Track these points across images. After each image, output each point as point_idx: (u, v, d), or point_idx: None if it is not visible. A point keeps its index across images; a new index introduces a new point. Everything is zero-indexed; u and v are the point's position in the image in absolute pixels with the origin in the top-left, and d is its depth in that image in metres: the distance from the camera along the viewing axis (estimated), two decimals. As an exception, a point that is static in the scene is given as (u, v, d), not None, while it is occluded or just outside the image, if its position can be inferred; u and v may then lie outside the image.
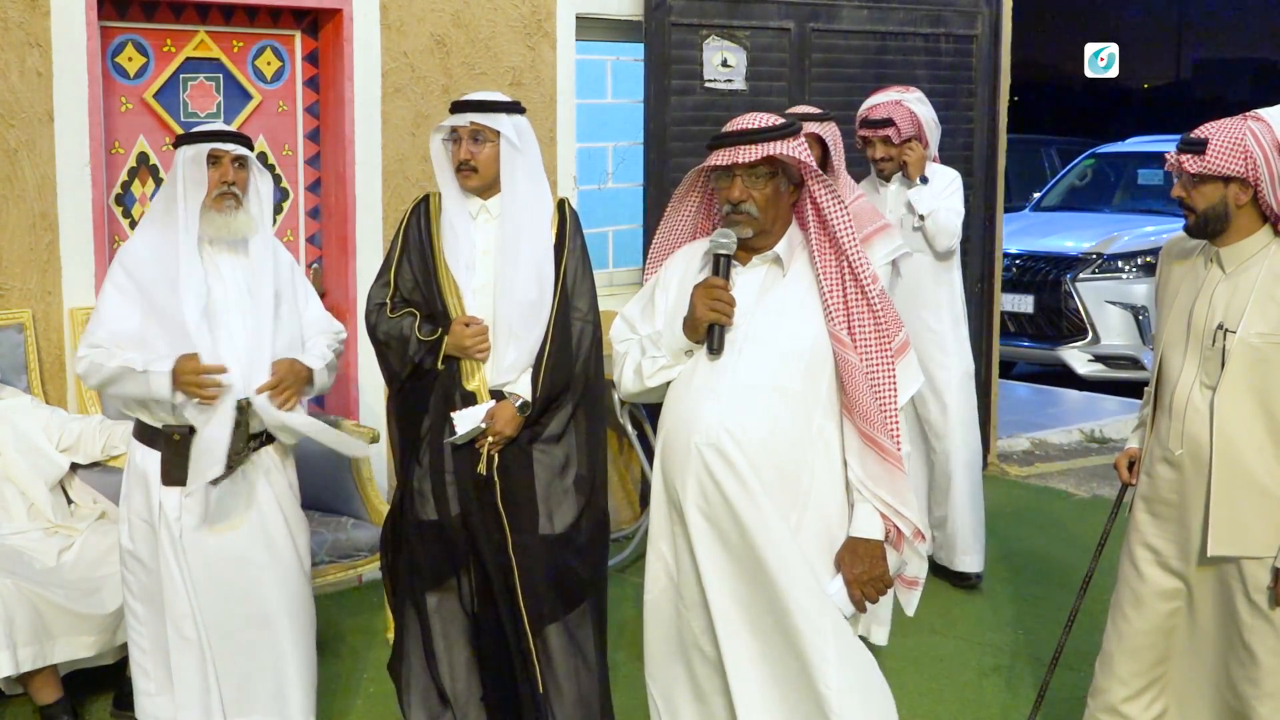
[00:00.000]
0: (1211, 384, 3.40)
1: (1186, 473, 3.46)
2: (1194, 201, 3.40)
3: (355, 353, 5.68)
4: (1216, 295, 3.42)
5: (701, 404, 3.14)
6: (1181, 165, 3.39)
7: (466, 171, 3.76)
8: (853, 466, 3.11)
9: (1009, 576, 5.82)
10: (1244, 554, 3.37)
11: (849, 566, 3.09)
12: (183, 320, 3.57)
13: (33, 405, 4.60)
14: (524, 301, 3.75)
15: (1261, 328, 3.33)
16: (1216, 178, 3.35)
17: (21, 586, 4.08)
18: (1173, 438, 3.48)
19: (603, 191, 6.52)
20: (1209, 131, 3.38)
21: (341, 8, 5.54)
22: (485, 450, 3.76)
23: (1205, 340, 3.41)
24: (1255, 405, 3.35)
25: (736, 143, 3.10)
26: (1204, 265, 3.49)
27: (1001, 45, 7.31)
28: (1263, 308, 3.34)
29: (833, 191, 3.12)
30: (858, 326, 3.08)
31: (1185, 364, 3.47)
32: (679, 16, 6.24)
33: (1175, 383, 3.49)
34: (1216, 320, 3.39)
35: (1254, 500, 3.36)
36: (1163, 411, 3.54)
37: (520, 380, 3.78)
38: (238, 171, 3.67)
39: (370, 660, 4.86)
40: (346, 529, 5.08)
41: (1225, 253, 3.43)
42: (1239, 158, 3.32)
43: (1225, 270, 3.43)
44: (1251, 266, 3.39)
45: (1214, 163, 3.33)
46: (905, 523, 3.12)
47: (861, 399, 3.06)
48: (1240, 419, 3.36)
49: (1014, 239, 9.77)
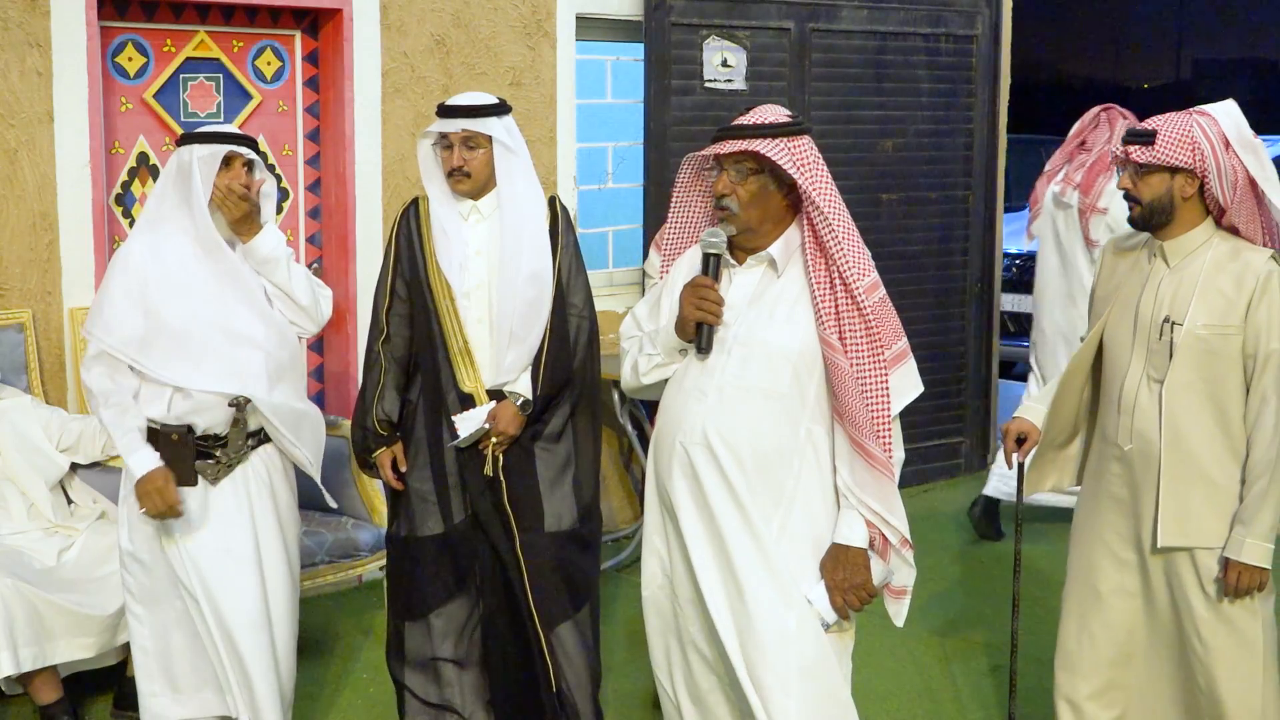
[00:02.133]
0: (1159, 377, 3.43)
1: (1136, 467, 3.49)
2: (1140, 193, 3.44)
3: (355, 353, 5.68)
4: (1162, 288, 3.46)
5: (690, 404, 3.14)
6: (1129, 156, 3.43)
7: (459, 177, 3.75)
8: (841, 473, 3.09)
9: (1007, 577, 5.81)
10: (1194, 545, 3.41)
11: (831, 572, 3.08)
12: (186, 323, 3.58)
13: (33, 405, 4.60)
14: (524, 301, 3.74)
15: (1207, 319, 3.37)
16: (1164, 169, 3.40)
17: (21, 587, 4.08)
18: (1122, 433, 3.51)
19: (603, 191, 6.52)
20: (1157, 123, 3.43)
21: (341, 8, 5.54)
22: (490, 451, 3.76)
23: (1152, 334, 3.45)
24: (1203, 397, 3.40)
25: (725, 136, 3.11)
26: (1148, 260, 3.53)
27: (1001, 45, 7.31)
28: (1208, 300, 3.38)
29: (823, 196, 3.07)
30: (848, 332, 3.05)
31: (1132, 359, 3.50)
32: (679, 16, 6.24)
33: (1123, 378, 3.51)
34: (1163, 313, 3.43)
35: (1203, 491, 3.40)
36: (1109, 407, 3.56)
37: (520, 379, 3.78)
38: (248, 175, 3.68)
39: (370, 660, 4.85)
40: (346, 529, 5.09)
41: (1169, 246, 3.47)
42: (1187, 149, 3.37)
43: (1169, 264, 3.47)
44: (1195, 259, 3.44)
45: (1162, 153, 3.38)
46: (893, 531, 3.10)
47: (851, 405, 3.04)
48: (1188, 411, 3.40)
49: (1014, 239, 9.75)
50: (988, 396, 7.57)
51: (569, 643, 3.81)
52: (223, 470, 3.68)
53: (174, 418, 3.63)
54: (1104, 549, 3.60)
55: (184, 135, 3.72)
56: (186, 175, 3.61)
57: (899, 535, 3.11)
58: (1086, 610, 3.65)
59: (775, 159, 3.04)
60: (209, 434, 3.65)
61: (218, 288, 3.64)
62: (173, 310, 3.59)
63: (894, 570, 3.17)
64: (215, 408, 3.63)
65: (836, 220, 3.06)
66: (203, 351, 3.60)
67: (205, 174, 3.61)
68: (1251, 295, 3.34)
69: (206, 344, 3.60)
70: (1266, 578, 3.37)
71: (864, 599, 3.09)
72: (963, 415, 7.44)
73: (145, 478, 3.54)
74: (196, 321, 3.60)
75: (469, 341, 3.78)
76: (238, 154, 3.65)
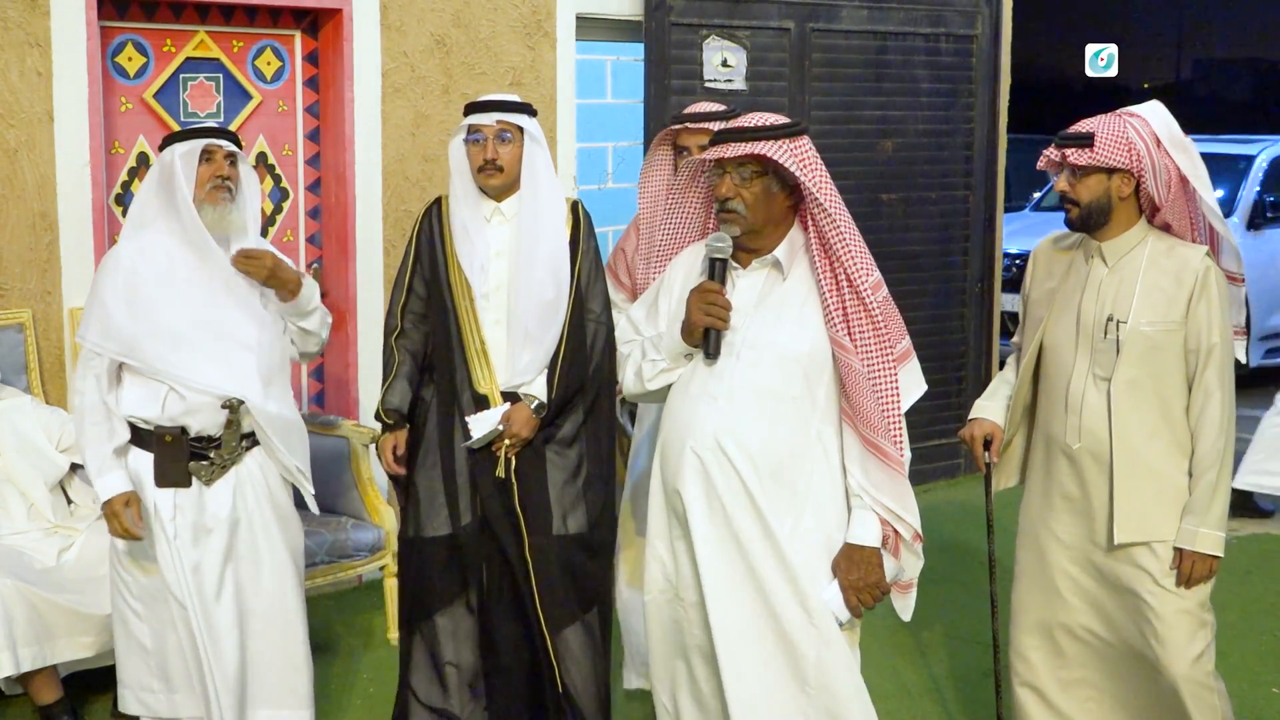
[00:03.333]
0: (1106, 375, 3.50)
1: (1086, 465, 3.55)
2: (1078, 194, 3.51)
3: (355, 353, 5.68)
4: (1104, 288, 3.53)
5: (699, 409, 3.14)
6: (1067, 159, 3.49)
7: (491, 170, 3.74)
8: (854, 473, 3.10)
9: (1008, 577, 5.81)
10: (1149, 539, 3.48)
11: (845, 572, 3.09)
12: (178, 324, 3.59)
13: (33, 405, 4.60)
14: (540, 301, 3.74)
15: (1150, 316, 3.45)
16: (1101, 170, 3.46)
17: (21, 587, 4.08)
18: (1070, 432, 3.56)
19: (603, 191, 6.52)
20: (1091, 126, 3.49)
21: (341, 8, 5.54)
22: (503, 453, 3.75)
23: (1096, 333, 3.51)
24: (1149, 393, 3.47)
25: (727, 139, 3.10)
26: (1084, 261, 3.59)
27: (1001, 45, 7.31)
28: (1149, 297, 3.46)
29: (827, 196, 3.08)
30: (857, 332, 3.07)
31: (1077, 359, 3.55)
32: (679, 16, 6.24)
33: (1068, 378, 3.57)
34: (1106, 312, 3.50)
35: (1153, 487, 3.47)
36: (1054, 406, 3.61)
37: (535, 381, 3.78)
38: (230, 168, 3.68)
39: (369, 660, 4.85)
40: (346, 529, 5.08)
41: (1107, 247, 3.54)
42: (1124, 150, 3.44)
43: (1108, 263, 3.54)
44: (1132, 258, 3.51)
45: (1101, 155, 3.44)
46: (905, 527, 3.12)
47: (864, 404, 3.04)
48: (1135, 407, 3.47)
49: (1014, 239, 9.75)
50: (988, 396, 7.56)
51: (576, 645, 3.80)
52: (217, 472, 3.68)
53: (167, 419, 3.63)
54: (1056, 545, 3.66)
55: (165, 138, 3.73)
56: (170, 175, 3.62)
57: (912, 530, 3.14)
58: (1041, 604, 3.71)
59: (780, 160, 3.05)
60: (202, 435, 3.65)
61: (208, 289, 3.65)
62: (163, 312, 3.60)
63: (904, 566, 3.19)
64: (208, 409, 3.63)
65: (841, 219, 3.07)
66: (195, 352, 3.61)
67: (187, 170, 3.62)
68: (1191, 292, 3.43)
69: (198, 345, 3.61)
70: (1217, 566, 3.48)
71: (877, 597, 3.11)
72: (963, 415, 7.39)
73: (108, 502, 3.60)
74: (188, 323, 3.60)
75: (486, 343, 3.78)
76: (216, 146, 3.65)
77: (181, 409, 3.61)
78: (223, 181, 3.66)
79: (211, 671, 3.66)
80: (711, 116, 4.05)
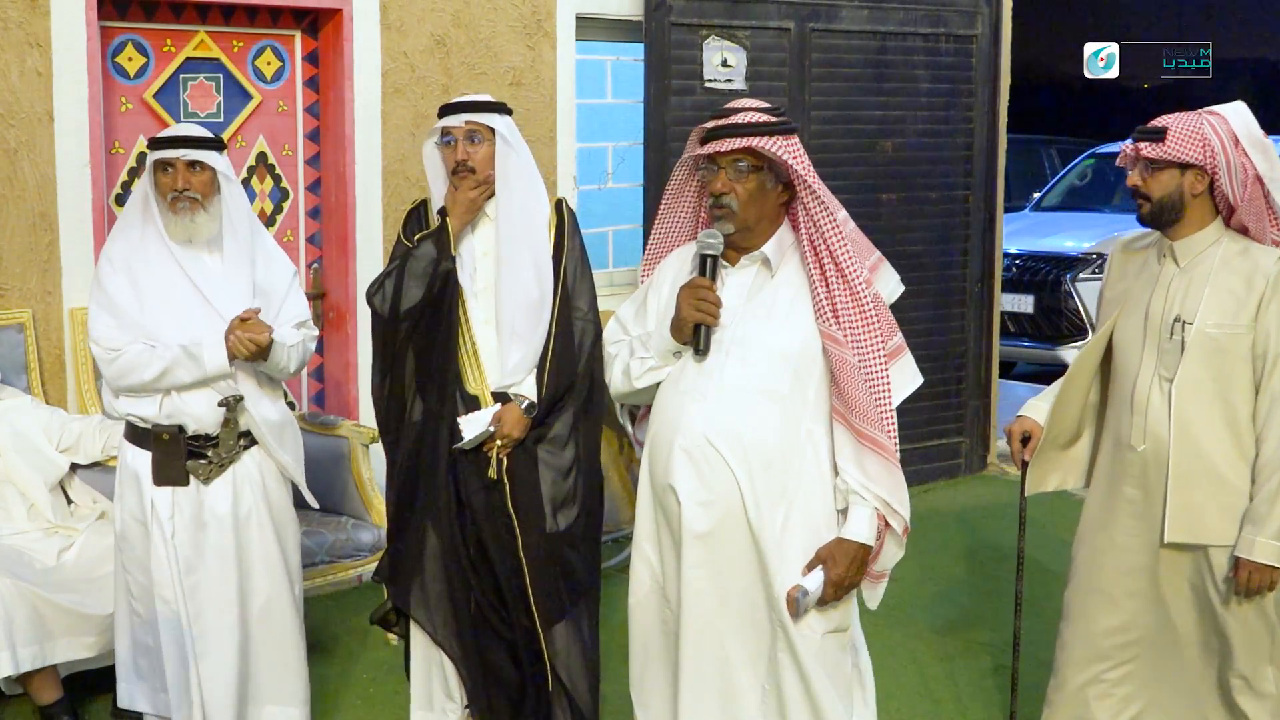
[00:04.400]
0: (1170, 376, 3.44)
1: (1150, 467, 3.49)
2: (1150, 189, 3.47)
3: (355, 353, 5.68)
4: (1173, 288, 3.48)
5: (688, 406, 3.13)
6: (1140, 152, 3.46)
7: (463, 173, 3.74)
8: (849, 471, 3.08)
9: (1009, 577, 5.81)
10: (1201, 542, 3.42)
11: (834, 566, 3.07)
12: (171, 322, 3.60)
13: (33, 405, 4.60)
14: (525, 302, 3.73)
15: (1217, 318, 3.39)
16: (1174, 164, 3.42)
17: (21, 586, 4.08)
18: (1135, 433, 3.51)
19: (603, 191, 6.52)
20: (1167, 121, 3.45)
21: (341, 8, 5.54)
22: (494, 454, 3.75)
23: (1163, 333, 3.47)
24: (1212, 396, 3.41)
25: (721, 135, 3.10)
26: (1157, 260, 3.55)
27: (1001, 45, 7.31)
28: (1218, 299, 3.41)
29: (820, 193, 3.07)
30: (848, 326, 3.06)
31: (1143, 358, 3.51)
32: (679, 16, 6.24)
33: (1134, 378, 3.53)
34: (1173, 313, 3.45)
35: (1211, 489, 3.41)
36: (1121, 407, 3.57)
37: (525, 381, 3.77)
38: (196, 174, 3.66)
39: (369, 660, 4.85)
40: (346, 529, 5.08)
41: (1179, 246, 3.49)
42: (1198, 145, 3.39)
43: (1179, 263, 3.49)
44: (1205, 259, 3.46)
45: (1173, 149, 3.40)
46: (898, 520, 3.12)
47: (859, 397, 3.04)
48: (1198, 409, 3.41)
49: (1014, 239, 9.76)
50: (988, 396, 7.57)
51: (568, 639, 3.81)
52: (215, 470, 3.69)
53: (164, 416, 3.63)
54: (1115, 550, 3.60)
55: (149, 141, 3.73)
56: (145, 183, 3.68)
57: (903, 524, 3.13)
58: (1093, 608, 3.65)
59: (776, 155, 3.04)
60: (200, 434, 3.66)
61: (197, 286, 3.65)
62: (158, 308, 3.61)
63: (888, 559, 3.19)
64: (206, 407, 3.64)
65: (837, 211, 3.08)
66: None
67: (151, 181, 3.66)
68: (1262, 295, 3.36)
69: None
70: (1278, 576, 3.37)
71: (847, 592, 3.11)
72: (963, 415, 7.43)
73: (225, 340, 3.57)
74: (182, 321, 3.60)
75: (476, 343, 3.78)
76: (173, 158, 3.63)
77: (178, 406, 3.62)
78: (181, 193, 3.65)
79: (197, 673, 3.66)
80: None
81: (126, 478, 3.74)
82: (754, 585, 3.11)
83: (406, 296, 3.70)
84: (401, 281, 3.71)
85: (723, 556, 3.11)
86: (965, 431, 7.45)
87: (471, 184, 3.71)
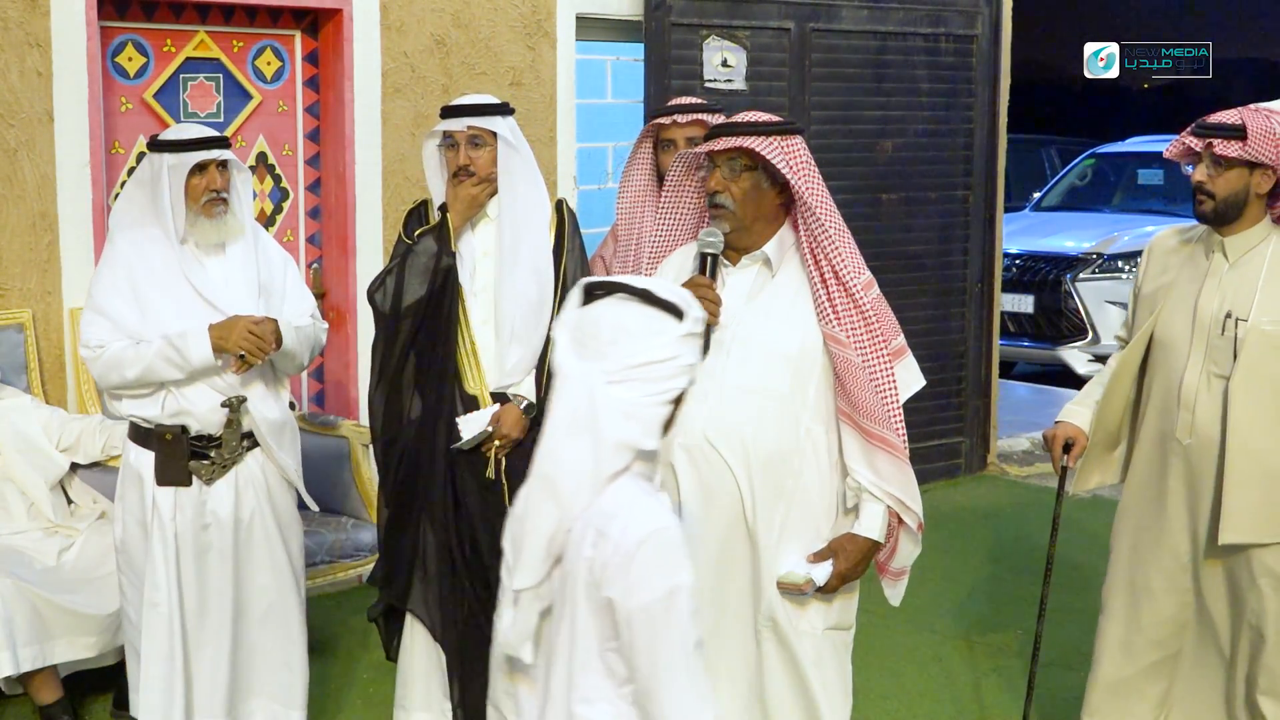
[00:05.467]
0: (1222, 373, 3.41)
1: (1195, 463, 3.47)
2: (1215, 187, 3.41)
3: (355, 353, 5.68)
4: (1224, 284, 3.45)
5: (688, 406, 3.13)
6: (1213, 149, 3.38)
7: (464, 176, 3.74)
8: (860, 471, 3.09)
9: (1009, 576, 5.82)
10: (1258, 540, 3.39)
11: (844, 560, 3.08)
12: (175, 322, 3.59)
13: (33, 405, 4.60)
14: (525, 302, 3.73)
15: (1273, 314, 3.37)
16: (1244, 164, 3.37)
17: (21, 586, 4.08)
18: (1181, 428, 3.48)
19: (603, 191, 6.52)
20: (1242, 118, 3.38)
21: (341, 8, 5.54)
22: (493, 454, 3.75)
23: (1213, 329, 3.43)
24: (1267, 393, 3.38)
25: (719, 134, 3.11)
26: (1205, 255, 3.51)
27: (1001, 45, 7.31)
28: (1272, 296, 3.38)
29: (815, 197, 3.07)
30: (849, 328, 3.06)
31: (1191, 354, 3.47)
32: (679, 16, 6.24)
33: (1181, 374, 3.49)
34: (1225, 309, 3.42)
35: (1266, 487, 3.38)
36: (1166, 402, 3.53)
37: (524, 381, 3.77)
38: (223, 174, 3.67)
39: (369, 660, 4.85)
40: (346, 529, 5.09)
41: (1230, 242, 3.45)
42: (1274, 145, 3.34)
43: (1229, 259, 3.45)
44: (1256, 255, 3.43)
45: (1254, 148, 3.34)
46: (912, 516, 3.13)
47: (865, 397, 3.05)
48: (1253, 406, 3.38)
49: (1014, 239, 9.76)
50: (988, 396, 7.57)
51: None
52: (217, 471, 3.68)
53: (168, 417, 3.63)
54: (1156, 545, 3.58)
55: (153, 141, 3.71)
56: (157, 183, 3.62)
57: (917, 520, 3.14)
58: (1134, 603, 3.64)
59: (767, 156, 3.05)
60: (203, 435, 3.65)
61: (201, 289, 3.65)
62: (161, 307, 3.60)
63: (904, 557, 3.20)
64: (209, 408, 3.64)
65: (828, 219, 3.06)
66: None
67: (175, 184, 3.61)
68: None
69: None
70: None
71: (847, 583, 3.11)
72: (963, 415, 7.43)
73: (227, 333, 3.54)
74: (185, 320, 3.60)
75: (475, 343, 3.77)
76: (208, 160, 3.64)
77: (181, 406, 3.62)
78: (217, 195, 3.65)
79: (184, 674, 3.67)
80: (693, 109, 4.05)
81: (129, 477, 3.73)
82: (748, 585, 3.11)
83: (408, 293, 3.70)
84: (403, 278, 3.70)
85: (719, 555, 3.12)
86: (965, 431, 7.45)
87: (474, 181, 3.71)
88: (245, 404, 3.66)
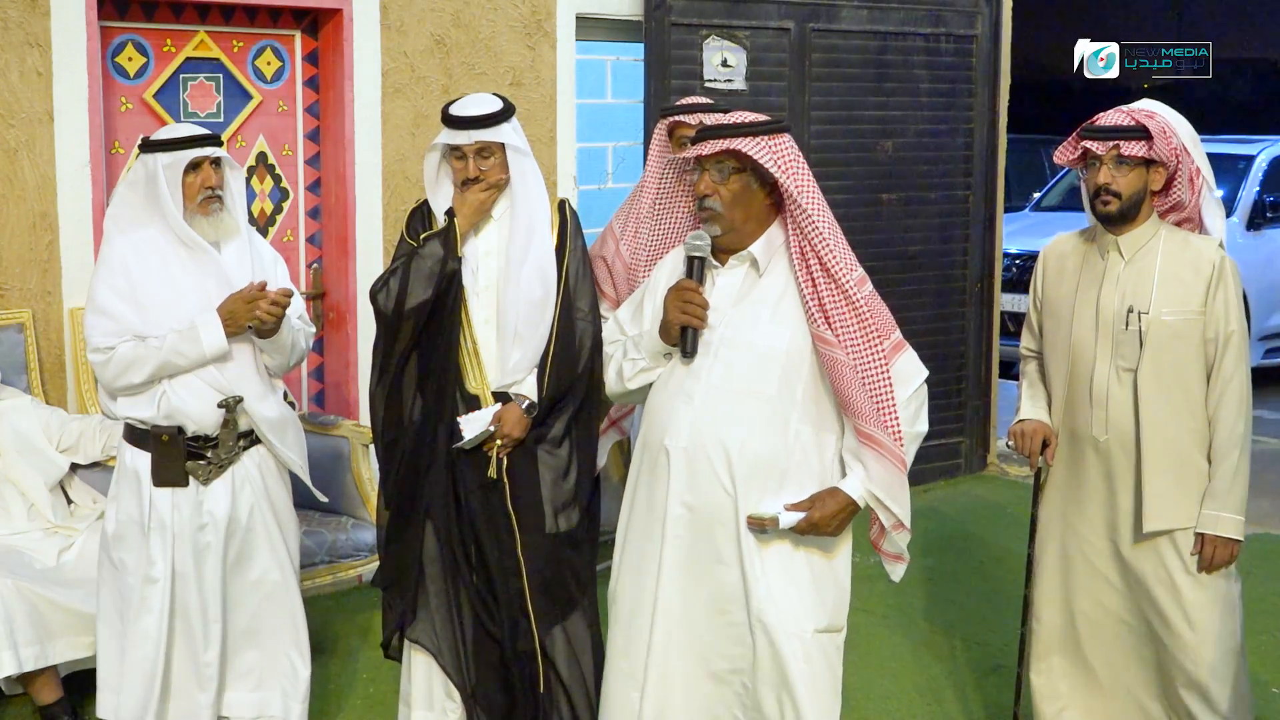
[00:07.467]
0: (1130, 366, 3.55)
1: (1113, 457, 3.59)
2: (1120, 187, 3.53)
3: (355, 353, 5.68)
4: (1122, 280, 3.57)
5: (676, 407, 3.14)
6: (1120, 151, 3.49)
7: (470, 185, 3.73)
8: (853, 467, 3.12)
9: (1009, 577, 5.82)
10: (1178, 526, 3.52)
11: (820, 508, 3.07)
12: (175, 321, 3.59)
13: (33, 405, 4.60)
14: (528, 301, 3.73)
15: (1170, 305, 3.51)
16: (1144, 162, 3.50)
17: (22, 586, 4.09)
18: (1096, 424, 3.60)
19: (603, 191, 6.52)
20: (1135, 119, 3.51)
21: (341, 8, 5.54)
22: (494, 454, 3.75)
23: (1117, 325, 3.56)
24: (1172, 382, 3.52)
25: (706, 136, 3.10)
26: (1100, 256, 3.63)
27: (1001, 45, 7.31)
28: (1168, 287, 3.52)
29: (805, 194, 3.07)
30: (840, 326, 3.05)
31: (1098, 351, 3.60)
32: (679, 16, 6.24)
33: (1091, 371, 3.61)
34: (1127, 304, 3.55)
35: (1178, 474, 3.52)
36: (1078, 400, 3.65)
37: (525, 381, 3.77)
38: (217, 171, 3.67)
39: (369, 660, 4.85)
40: (346, 529, 5.09)
41: (1124, 240, 3.58)
42: (1169, 144, 3.49)
43: (1125, 256, 3.58)
44: (1149, 251, 3.57)
45: (1159, 148, 3.48)
46: (888, 516, 3.14)
47: (854, 396, 3.04)
48: (1161, 396, 3.52)
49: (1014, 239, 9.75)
50: (988, 396, 7.57)
51: (565, 641, 3.81)
52: (214, 471, 3.69)
53: (163, 417, 3.63)
54: (1078, 540, 3.69)
55: (145, 142, 3.71)
56: (153, 182, 3.62)
57: (893, 520, 3.15)
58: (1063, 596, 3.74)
59: (755, 157, 3.04)
60: (199, 435, 3.66)
61: (202, 288, 3.65)
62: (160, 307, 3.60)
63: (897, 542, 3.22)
64: (205, 408, 3.64)
65: (819, 217, 3.06)
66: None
67: (171, 182, 3.61)
68: (1209, 282, 3.49)
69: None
70: (1238, 550, 3.52)
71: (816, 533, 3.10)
72: (963, 415, 7.44)
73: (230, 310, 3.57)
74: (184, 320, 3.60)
75: (477, 342, 3.77)
76: (202, 157, 3.64)
77: (176, 406, 3.62)
78: (212, 192, 3.65)
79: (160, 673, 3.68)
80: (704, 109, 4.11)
81: (126, 478, 3.73)
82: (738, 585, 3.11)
83: (412, 295, 3.70)
84: (407, 280, 3.70)
85: (706, 556, 3.12)
86: (965, 431, 7.45)
87: (482, 186, 3.71)
88: (242, 404, 3.66)
